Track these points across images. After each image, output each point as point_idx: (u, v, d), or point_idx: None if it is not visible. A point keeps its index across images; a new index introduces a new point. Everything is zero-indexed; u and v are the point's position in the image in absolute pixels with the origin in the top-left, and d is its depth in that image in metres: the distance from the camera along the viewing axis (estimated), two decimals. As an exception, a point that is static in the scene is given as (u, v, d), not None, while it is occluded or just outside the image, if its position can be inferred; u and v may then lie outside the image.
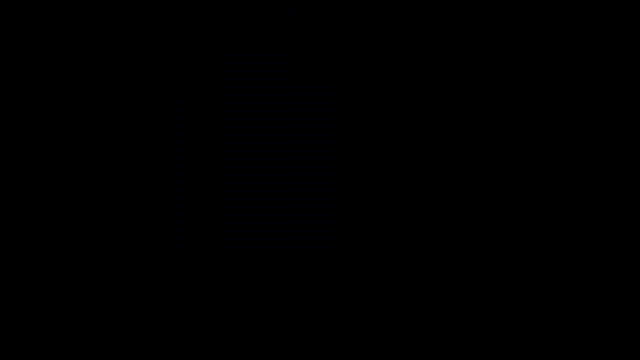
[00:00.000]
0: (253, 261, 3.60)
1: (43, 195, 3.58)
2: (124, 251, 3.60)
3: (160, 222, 3.60)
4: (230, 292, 3.59)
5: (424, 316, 3.56)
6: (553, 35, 3.58)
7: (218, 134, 3.61)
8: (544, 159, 3.56)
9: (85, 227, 3.59)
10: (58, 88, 3.61)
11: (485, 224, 3.57)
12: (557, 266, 3.55)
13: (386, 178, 3.59)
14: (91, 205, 3.59)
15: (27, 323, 3.57)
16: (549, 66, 3.58)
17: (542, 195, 3.56)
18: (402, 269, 3.58)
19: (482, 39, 3.58)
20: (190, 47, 3.63)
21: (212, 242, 3.60)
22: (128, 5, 3.64)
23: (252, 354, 3.56)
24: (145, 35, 3.64)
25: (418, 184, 3.58)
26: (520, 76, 3.58)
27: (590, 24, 3.57)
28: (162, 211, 3.61)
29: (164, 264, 3.60)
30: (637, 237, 3.53)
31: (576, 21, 3.58)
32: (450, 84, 3.59)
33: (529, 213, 3.56)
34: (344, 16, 3.62)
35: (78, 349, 3.56)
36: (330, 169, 3.60)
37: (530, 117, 3.57)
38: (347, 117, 3.61)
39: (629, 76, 3.56)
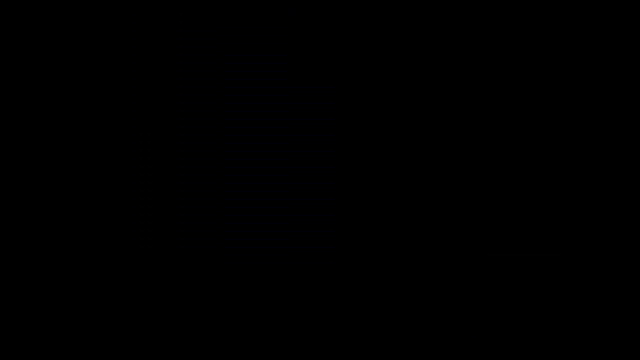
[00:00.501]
0: (253, 261, 3.60)
1: (43, 195, 3.58)
2: (124, 251, 3.60)
3: (160, 222, 3.60)
4: (230, 292, 3.59)
5: (424, 316, 3.56)
6: (553, 35, 3.58)
7: (218, 134, 3.61)
8: (544, 159, 3.56)
9: (85, 227, 3.59)
10: (58, 88, 3.61)
11: (485, 224, 3.57)
12: (557, 266, 3.55)
13: (386, 178, 3.59)
14: (91, 205, 3.59)
15: (28, 323, 3.57)
16: (549, 66, 3.58)
17: (542, 195, 3.56)
18: (402, 269, 3.58)
19: (481, 39, 3.58)
20: (190, 47, 3.63)
21: (212, 242, 3.59)
22: (128, 5, 3.64)
23: (252, 354, 3.56)
24: (145, 35, 3.64)
25: (418, 184, 3.58)
26: (520, 76, 3.58)
27: (590, 24, 3.57)
28: (162, 211, 3.61)
29: (164, 264, 3.60)
30: (637, 237, 3.53)
31: (576, 21, 3.58)
32: (450, 84, 3.59)
33: (529, 213, 3.56)
34: (344, 16, 3.62)
35: (78, 349, 3.56)
36: (330, 169, 3.60)
37: (530, 117, 3.57)
38: (347, 117, 3.61)
39: (629, 76, 3.56)
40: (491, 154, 3.57)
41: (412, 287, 3.57)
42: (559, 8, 3.58)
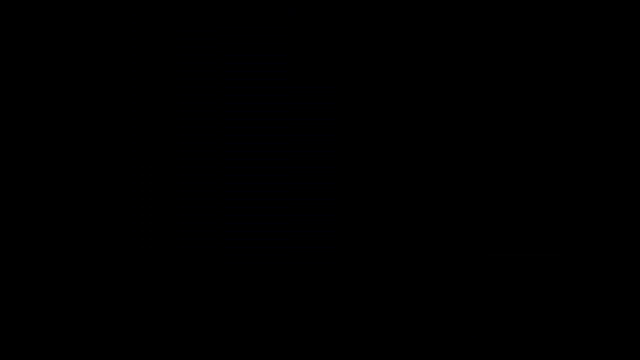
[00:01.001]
0: (253, 261, 3.60)
1: (43, 195, 3.59)
2: (124, 251, 3.60)
3: (160, 222, 3.60)
4: (230, 292, 3.59)
5: (424, 316, 3.56)
6: (553, 35, 3.58)
7: (218, 134, 3.61)
8: (543, 159, 3.56)
9: (85, 227, 3.59)
10: (58, 88, 3.61)
11: (485, 224, 3.57)
12: (557, 266, 3.55)
13: (386, 178, 3.59)
14: (91, 205, 3.59)
15: (28, 323, 3.57)
16: (549, 66, 3.58)
17: (542, 195, 3.56)
18: (402, 269, 3.58)
19: (481, 39, 3.58)
20: (190, 47, 3.63)
21: (212, 242, 3.60)
22: (128, 5, 3.64)
23: (252, 354, 3.56)
24: (145, 35, 3.64)
25: (418, 184, 3.58)
26: (520, 76, 3.58)
27: (590, 24, 3.57)
28: (162, 211, 3.61)
29: (164, 264, 3.60)
30: (637, 237, 3.53)
31: (576, 21, 3.58)
32: (450, 84, 3.59)
33: (529, 213, 3.56)
34: (344, 16, 3.62)
35: (78, 349, 3.56)
36: (330, 169, 3.60)
37: (530, 117, 3.57)
38: (347, 117, 3.61)
39: (629, 76, 3.56)
40: (491, 154, 3.57)
41: (412, 287, 3.57)
42: (559, 8, 3.58)
